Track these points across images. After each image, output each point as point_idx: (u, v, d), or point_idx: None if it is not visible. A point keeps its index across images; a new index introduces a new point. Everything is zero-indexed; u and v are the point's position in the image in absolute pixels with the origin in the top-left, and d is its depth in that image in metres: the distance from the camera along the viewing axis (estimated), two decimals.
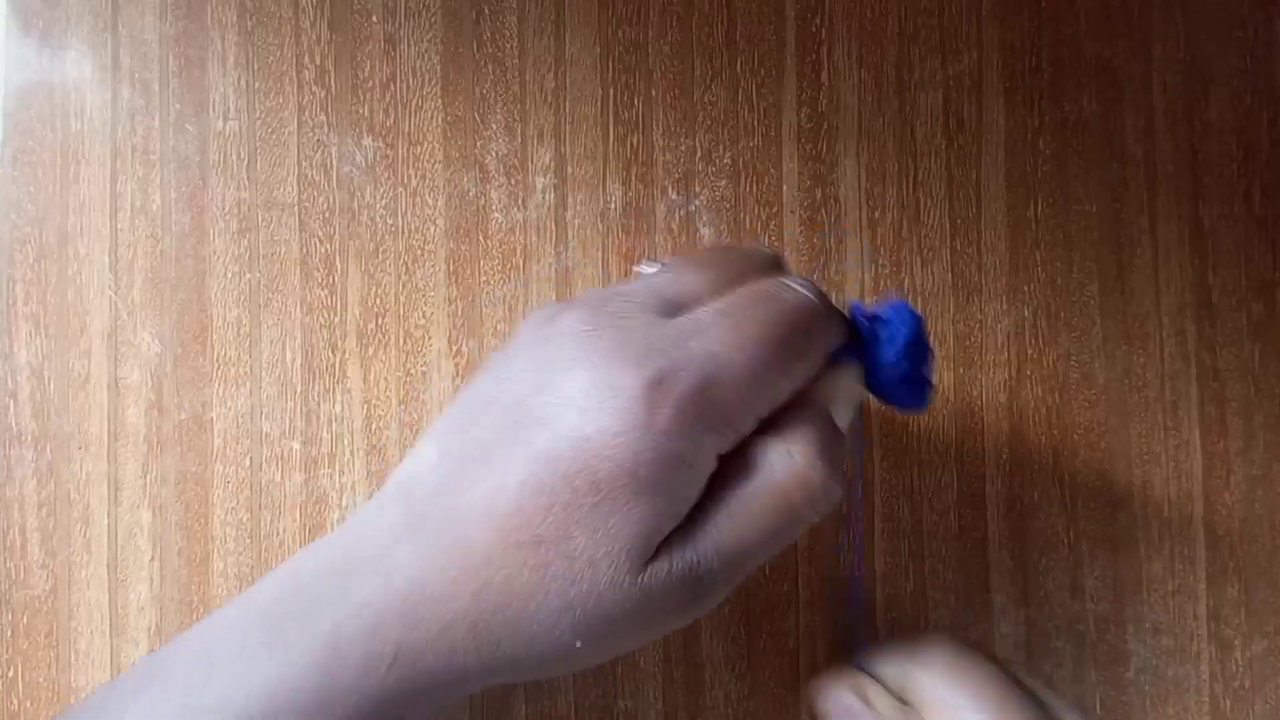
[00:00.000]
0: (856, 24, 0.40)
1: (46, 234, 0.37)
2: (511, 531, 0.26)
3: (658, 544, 0.26)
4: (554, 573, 0.26)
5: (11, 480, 0.37)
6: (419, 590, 0.26)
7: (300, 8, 0.38)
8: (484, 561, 0.26)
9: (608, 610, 0.26)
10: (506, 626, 0.26)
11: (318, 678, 0.26)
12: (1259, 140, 0.41)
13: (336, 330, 0.38)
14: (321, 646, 0.26)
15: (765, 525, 0.27)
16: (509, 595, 0.26)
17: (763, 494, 0.27)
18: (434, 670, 0.26)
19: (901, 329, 0.30)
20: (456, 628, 0.26)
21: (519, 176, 0.39)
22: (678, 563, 0.26)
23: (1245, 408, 0.41)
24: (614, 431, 0.25)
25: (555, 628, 0.26)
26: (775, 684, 0.39)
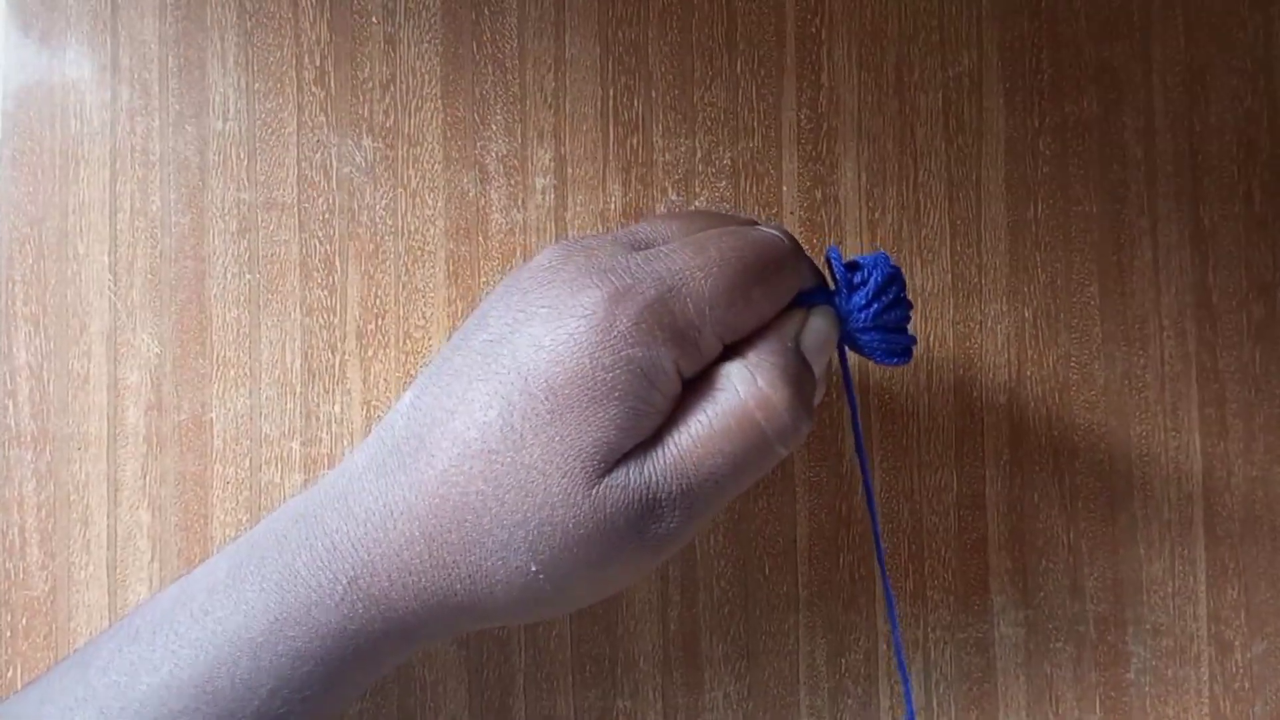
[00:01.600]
0: (856, 24, 0.40)
1: (46, 234, 0.37)
2: (469, 446, 0.26)
3: (615, 460, 0.26)
4: (507, 484, 0.25)
5: (11, 481, 0.37)
6: (376, 515, 0.26)
7: (300, 8, 0.38)
8: (441, 479, 0.26)
9: (560, 525, 0.25)
10: (462, 545, 0.26)
11: (272, 611, 0.26)
12: (1259, 140, 0.41)
13: (336, 331, 0.38)
14: (276, 583, 0.26)
15: (727, 448, 0.26)
16: (463, 509, 0.26)
17: (724, 414, 0.26)
18: (390, 597, 0.26)
19: (874, 274, 0.29)
20: (413, 547, 0.26)
21: (519, 177, 0.39)
22: (634, 477, 0.26)
23: (1245, 409, 0.41)
24: (571, 338, 0.25)
25: (509, 545, 0.26)
26: (775, 684, 0.39)
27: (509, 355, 0.26)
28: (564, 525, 0.25)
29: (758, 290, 0.27)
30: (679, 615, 0.38)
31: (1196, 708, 0.40)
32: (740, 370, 0.27)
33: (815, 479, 0.39)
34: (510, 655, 0.38)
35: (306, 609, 0.26)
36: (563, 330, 0.26)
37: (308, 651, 0.26)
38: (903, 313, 0.30)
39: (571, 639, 0.38)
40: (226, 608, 0.26)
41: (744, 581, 0.39)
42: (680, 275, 0.26)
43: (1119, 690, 0.40)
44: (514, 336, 0.26)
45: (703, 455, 0.26)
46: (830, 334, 0.29)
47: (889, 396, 0.39)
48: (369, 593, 0.26)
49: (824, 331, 0.29)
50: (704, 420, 0.26)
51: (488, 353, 0.26)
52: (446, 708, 0.37)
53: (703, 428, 0.26)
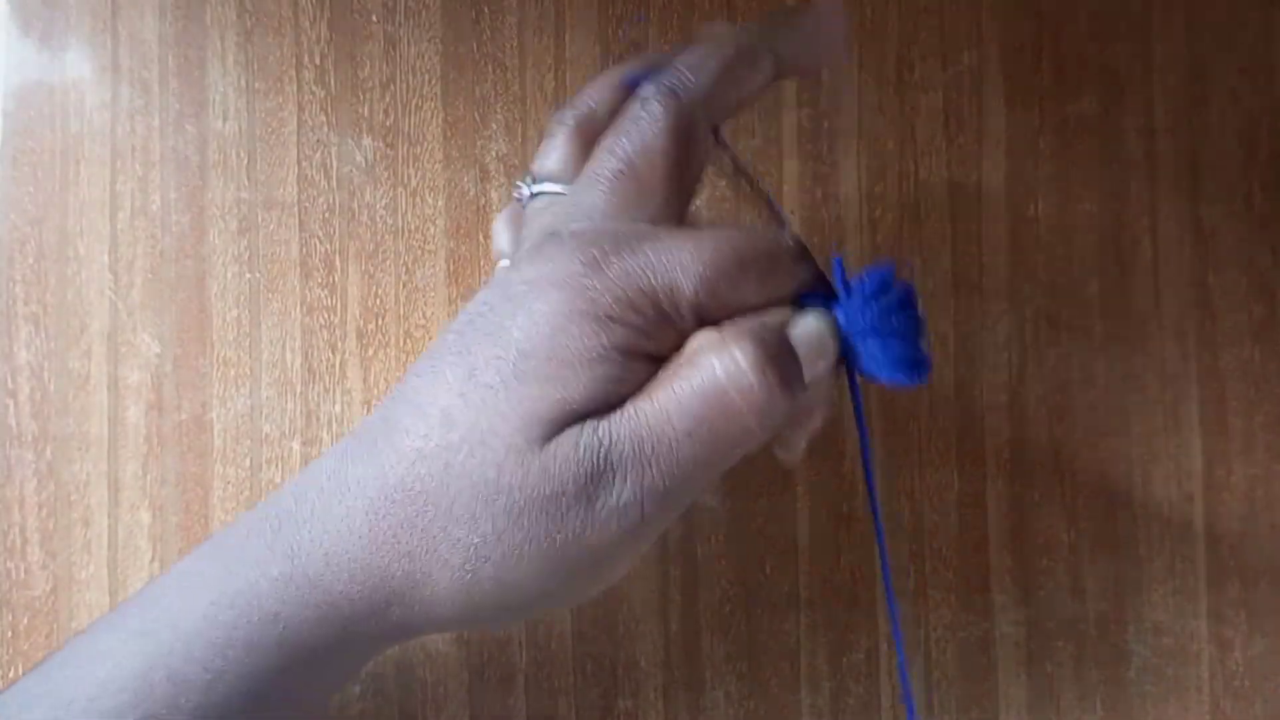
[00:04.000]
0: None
1: (46, 234, 0.37)
2: (429, 417, 0.24)
3: (573, 422, 0.24)
4: (457, 448, 0.24)
5: (11, 481, 0.37)
6: (326, 492, 0.25)
7: (300, 8, 0.38)
8: (395, 453, 0.25)
9: (505, 488, 0.24)
10: (404, 519, 0.24)
11: (211, 593, 0.25)
12: (1259, 140, 0.41)
13: (336, 330, 0.38)
14: (221, 565, 0.25)
15: (691, 413, 0.24)
16: (410, 480, 0.24)
17: (695, 387, 0.24)
18: (325, 579, 0.25)
19: (874, 276, 0.27)
20: (352, 520, 0.25)
21: (519, 177, 0.39)
22: (587, 436, 0.24)
23: (1245, 408, 0.41)
24: (547, 306, 0.24)
25: (450, 514, 0.24)
26: (775, 684, 0.39)
27: (484, 328, 0.25)
28: (508, 487, 0.24)
29: (746, 280, 0.26)
30: (680, 615, 0.38)
31: (1196, 706, 0.40)
32: (712, 337, 0.25)
33: (816, 479, 0.39)
34: (511, 655, 0.38)
35: (241, 590, 0.25)
36: (540, 301, 0.25)
37: (238, 639, 0.25)
38: (909, 319, 0.28)
39: (572, 638, 0.38)
40: (172, 594, 0.26)
41: (745, 581, 0.39)
42: (667, 251, 0.25)
43: (1119, 689, 0.40)
44: (491, 313, 0.25)
45: (662, 419, 0.24)
46: (823, 334, 0.27)
47: (890, 396, 0.39)
48: (304, 573, 0.25)
49: (815, 329, 0.26)
50: (671, 389, 0.24)
51: (464, 331, 0.25)
52: (447, 708, 0.37)
53: (669, 396, 0.24)
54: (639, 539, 0.25)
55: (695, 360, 0.25)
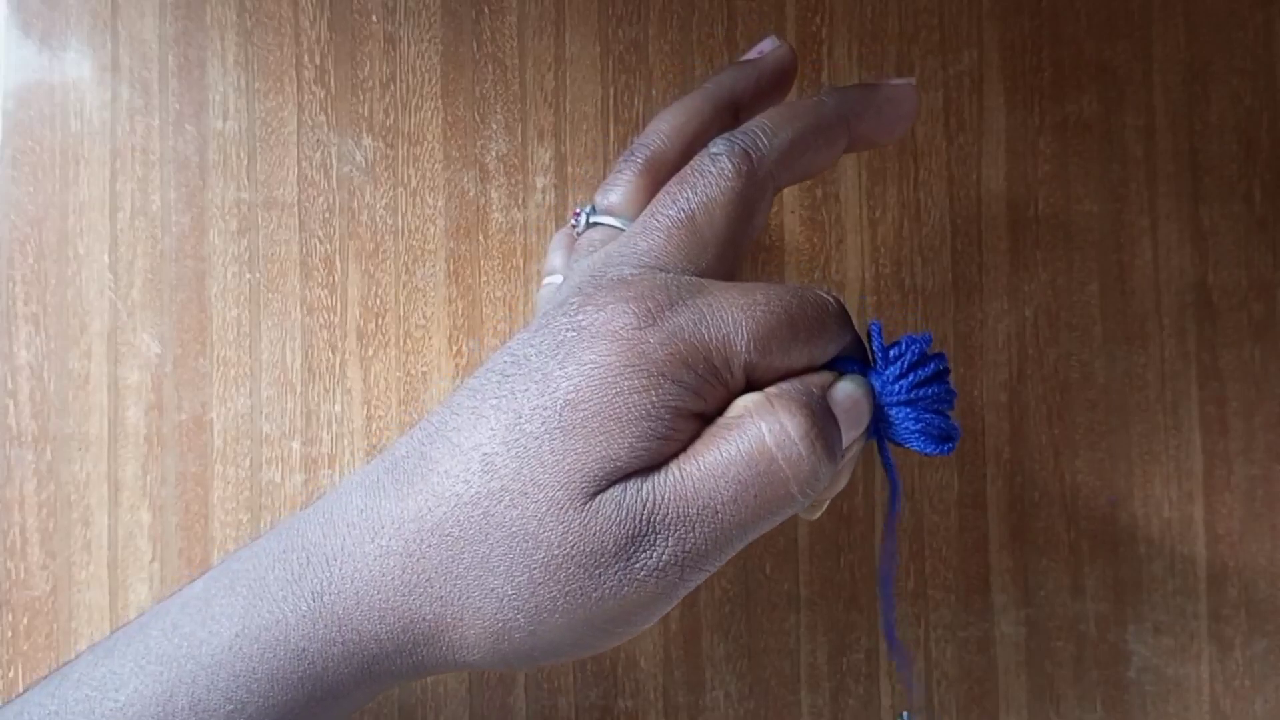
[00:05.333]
0: (857, 24, 0.40)
1: (46, 234, 0.37)
2: (469, 458, 0.24)
3: (618, 479, 0.24)
4: (499, 496, 0.24)
5: (11, 480, 0.37)
6: (357, 528, 0.25)
7: (300, 7, 0.38)
8: (432, 492, 0.24)
9: (544, 541, 0.24)
10: (439, 562, 0.24)
11: (235, 625, 0.25)
12: (1259, 140, 0.41)
13: (336, 330, 0.38)
14: (244, 597, 0.25)
15: (734, 477, 0.24)
16: (447, 523, 0.24)
17: (742, 452, 0.24)
18: (354, 618, 0.24)
19: (911, 348, 0.27)
20: (387, 561, 0.24)
21: (519, 176, 0.39)
22: (630, 495, 0.24)
23: (1245, 408, 0.41)
24: (598, 358, 0.24)
25: (487, 563, 0.24)
26: (775, 684, 0.39)
27: (529, 374, 0.25)
28: (547, 541, 0.24)
29: (795, 342, 0.25)
30: (680, 614, 0.38)
31: (1197, 706, 0.40)
32: (759, 401, 0.25)
33: None
34: None
35: (268, 625, 0.25)
36: (590, 351, 0.24)
37: (262, 673, 0.24)
38: (942, 392, 0.28)
39: None
40: (194, 622, 0.25)
41: (745, 580, 0.39)
42: (719, 309, 0.25)
43: (1120, 689, 0.40)
44: (537, 357, 0.25)
45: (706, 481, 0.24)
46: (859, 399, 0.27)
47: None
48: (333, 611, 0.24)
49: (853, 394, 0.26)
50: (718, 452, 0.24)
51: (507, 373, 0.25)
52: (447, 707, 0.37)
53: (716, 458, 0.24)
54: (674, 598, 0.25)
55: (743, 425, 0.24)
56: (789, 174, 0.28)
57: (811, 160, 0.29)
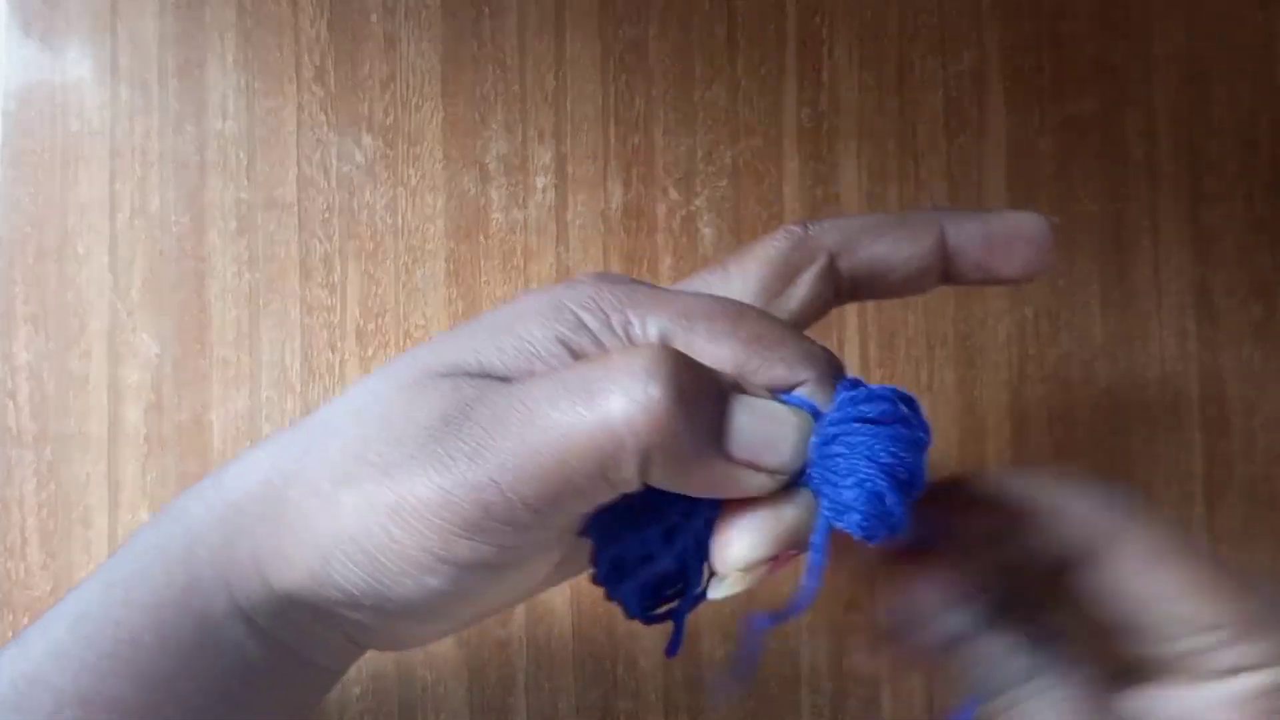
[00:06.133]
0: (857, 23, 0.40)
1: (46, 234, 0.37)
2: (356, 387, 0.25)
3: (469, 371, 0.23)
4: (368, 383, 0.24)
5: (11, 481, 0.37)
6: (234, 473, 0.25)
7: (300, 7, 0.38)
8: (316, 420, 0.24)
9: (383, 404, 0.23)
10: (301, 442, 0.24)
11: (94, 597, 0.24)
12: (1259, 140, 0.41)
13: (336, 330, 0.38)
14: (141, 543, 0.25)
15: (560, 394, 0.21)
16: (321, 414, 0.24)
17: (580, 369, 0.22)
18: (216, 559, 0.24)
19: (859, 391, 0.22)
20: (258, 451, 0.24)
21: (519, 176, 0.39)
22: (467, 383, 0.23)
23: (1246, 408, 0.41)
24: (535, 292, 0.24)
25: (339, 429, 0.23)
26: (775, 684, 0.39)
27: (479, 316, 0.25)
28: (380, 405, 0.23)
29: (729, 336, 0.23)
30: None
31: None
32: (620, 354, 0.22)
33: None
34: (511, 655, 0.38)
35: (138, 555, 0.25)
36: (527, 297, 0.24)
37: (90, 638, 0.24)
38: (894, 439, 0.22)
39: (572, 638, 0.38)
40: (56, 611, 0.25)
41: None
42: (664, 293, 0.24)
43: None
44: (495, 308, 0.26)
45: (534, 387, 0.22)
46: (781, 421, 0.22)
47: None
48: (189, 513, 0.24)
49: (769, 410, 0.22)
50: (562, 368, 0.22)
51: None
52: (447, 707, 0.37)
53: (553, 370, 0.22)
54: (455, 517, 0.21)
55: (607, 353, 0.23)
56: (854, 256, 0.27)
57: (885, 250, 0.27)
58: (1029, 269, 0.27)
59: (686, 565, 0.25)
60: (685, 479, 0.22)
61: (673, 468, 0.21)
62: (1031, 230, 0.27)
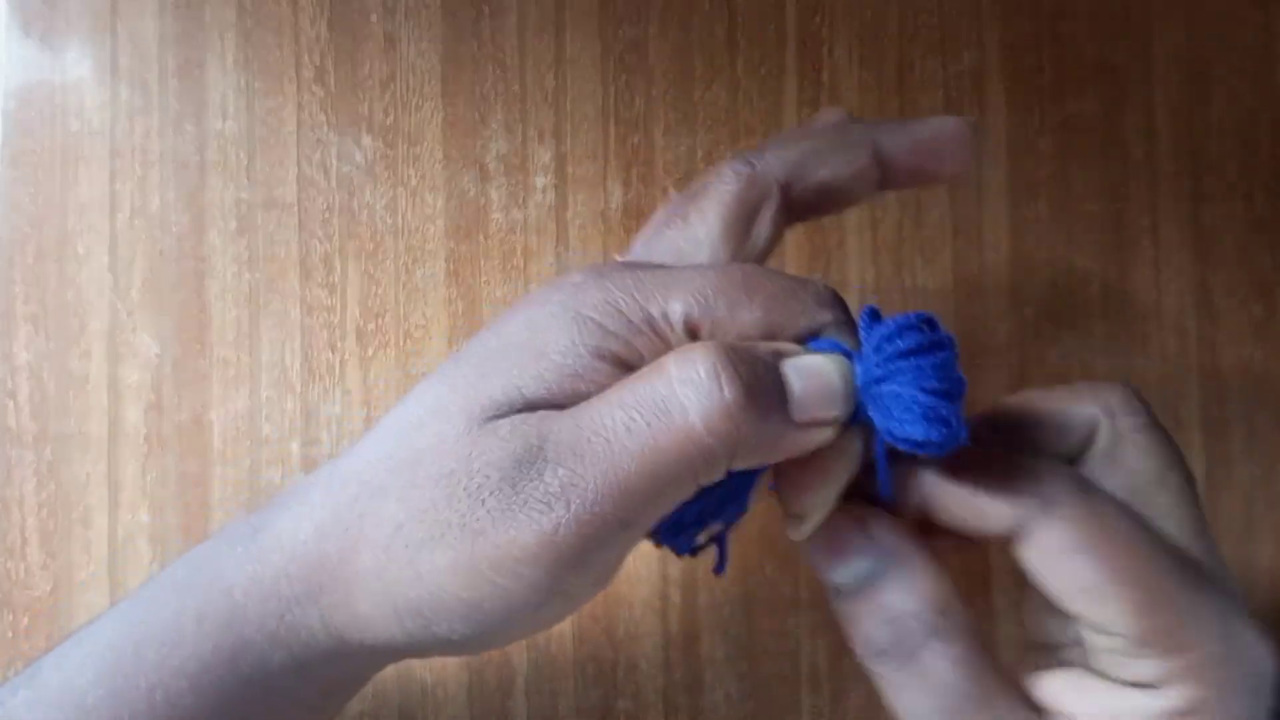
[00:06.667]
0: (857, 23, 0.40)
1: (46, 234, 0.37)
2: (406, 399, 0.25)
3: (519, 408, 0.23)
4: (415, 421, 0.24)
5: (11, 481, 0.37)
6: (290, 492, 0.25)
7: (300, 7, 0.38)
8: (367, 442, 0.24)
9: (440, 457, 0.23)
10: (357, 495, 0.24)
11: (163, 605, 0.25)
12: (1259, 140, 0.41)
13: (336, 330, 0.38)
14: (176, 571, 0.25)
15: (635, 412, 0.22)
16: (373, 456, 0.24)
17: (643, 383, 0.22)
18: (270, 556, 0.24)
19: (899, 319, 0.23)
20: (311, 494, 0.24)
21: (519, 176, 0.39)
22: (528, 422, 0.23)
23: (1246, 408, 0.41)
24: (541, 295, 0.24)
25: (394, 488, 0.23)
26: (775, 684, 0.38)
27: (490, 326, 0.25)
28: (439, 461, 0.23)
29: (749, 304, 0.24)
30: (680, 616, 0.38)
31: None
32: (683, 355, 0.23)
33: None
34: (511, 656, 0.38)
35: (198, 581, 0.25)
36: (535, 304, 0.24)
37: (190, 606, 0.24)
38: (928, 366, 0.23)
39: (572, 640, 0.38)
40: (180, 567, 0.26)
41: (745, 582, 0.39)
42: (669, 272, 0.24)
43: None
44: (502, 314, 0.25)
45: (603, 410, 0.22)
46: (825, 372, 0.23)
47: None
48: (259, 549, 0.24)
49: (815, 365, 0.23)
50: (623, 384, 0.23)
51: (481, 331, 0.26)
52: (447, 709, 0.37)
53: (618, 390, 0.23)
54: (565, 552, 0.22)
55: (658, 363, 0.23)
56: (802, 184, 0.27)
57: (830, 173, 0.28)
58: (954, 167, 0.28)
59: (729, 498, 0.26)
60: (766, 458, 0.23)
61: (756, 454, 0.23)
62: (952, 131, 0.28)
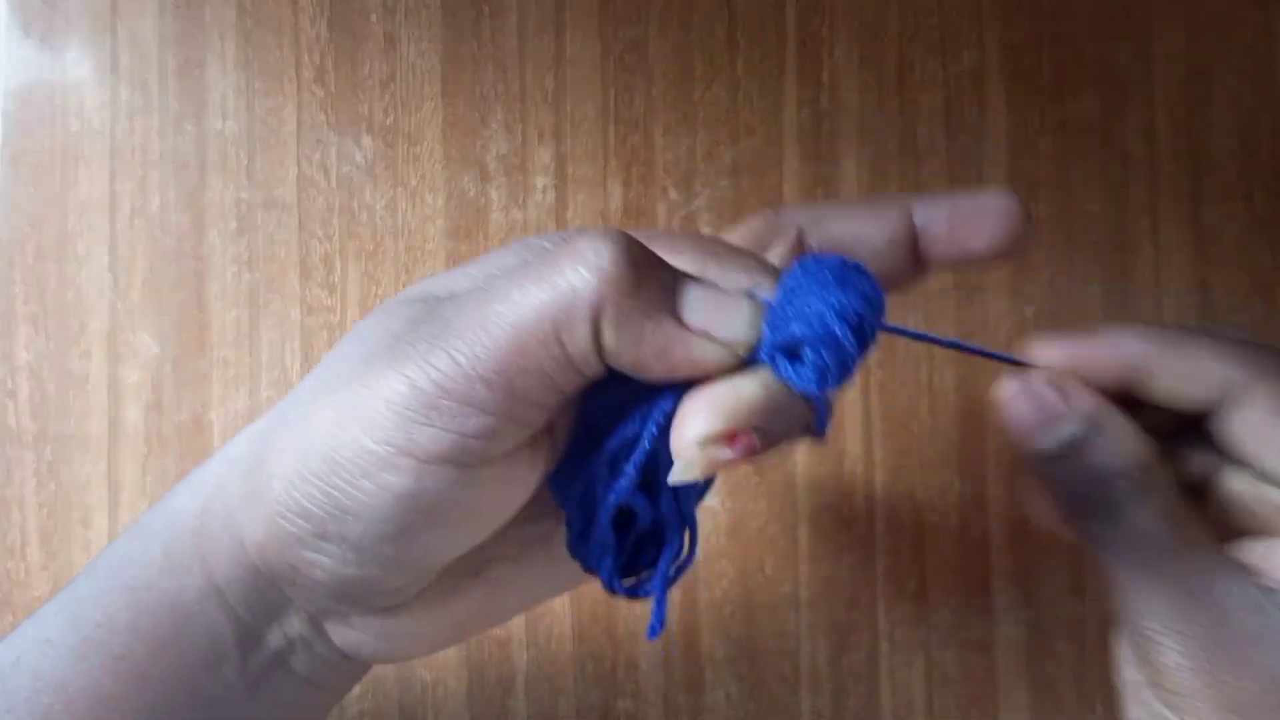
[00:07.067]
0: (857, 23, 0.40)
1: (46, 234, 0.37)
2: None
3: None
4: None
5: (11, 481, 0.37)
6: (236, 440, 0.25)
7: (300, 7, 0.38)
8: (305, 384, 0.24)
9: (362, 331, 0.23)
10: (276, 447, 0.23)
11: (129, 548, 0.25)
12: (1260, 140, 0.41)
13: (336, 330, 0.38)
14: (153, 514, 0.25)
15: (517, 282, 0.21)
16: (285, 404, 0.24)
17: (542, 260, 0.22)
18: (211, 477, 0.24)
19: (813, 262, 0.22)
20: (232, 448, 0.25)
21: (519, 176, 0.39)
22: (430, 299, 0.23)
23: None
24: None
25: (319, 373, 0.23)
26: (776, 684, 0.38)
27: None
28: (346, 345, 0.23)
29: (692, 253, 0.23)
30: (680, 615, 0.38)
31: None
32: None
33: (816, 479, 0.39)
34: (511, 655, 0.38)
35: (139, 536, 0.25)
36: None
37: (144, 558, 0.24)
38: (841, 288, 0.22)
39: (572, 639, 0.38)
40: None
41: (745, 581, 0.39)
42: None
43: None
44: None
45: (494, 279, 0.22)
46: (730, 296, 0.22)
47: (890, 396, 0.39)
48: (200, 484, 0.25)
49: (722, 290, 0.22)
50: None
51: None
52: (446, 707, 0.37)
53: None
54: (417, 402, 0.21)
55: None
56: (820, 231, 0.27)
57: (852, 229, 0.27)
58: (997, 243, 0.27)
59: (664, 524, 0.24)
60: (639, 344, 0.21)
61: (626, 328, 0.21)
62: (997, 205, 0.27)
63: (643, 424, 0.23)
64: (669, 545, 0.25)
